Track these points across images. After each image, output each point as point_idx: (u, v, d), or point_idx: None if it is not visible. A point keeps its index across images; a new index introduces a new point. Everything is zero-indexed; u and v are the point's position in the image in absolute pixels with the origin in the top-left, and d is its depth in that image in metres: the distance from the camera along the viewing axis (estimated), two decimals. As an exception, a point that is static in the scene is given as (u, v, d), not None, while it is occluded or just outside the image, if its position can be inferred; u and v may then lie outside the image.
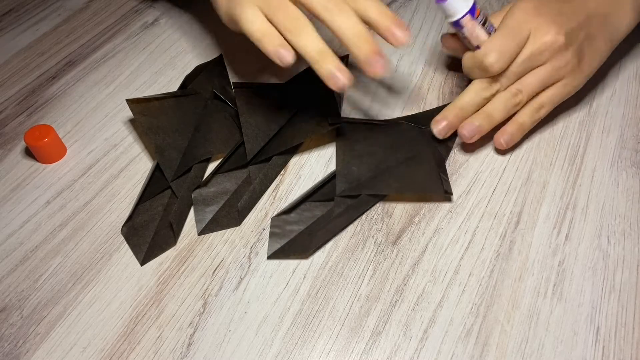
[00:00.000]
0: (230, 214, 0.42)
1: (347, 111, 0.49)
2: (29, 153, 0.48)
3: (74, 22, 0.62)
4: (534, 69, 0.42)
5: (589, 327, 0.35)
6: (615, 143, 0.45)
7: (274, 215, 0.41)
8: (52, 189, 0.45)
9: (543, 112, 0.44)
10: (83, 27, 0.61)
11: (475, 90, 0.43)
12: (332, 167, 0.45)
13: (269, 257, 0.39)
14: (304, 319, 0.36)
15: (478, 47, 0.42)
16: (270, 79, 0.52)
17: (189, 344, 0.35)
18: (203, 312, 0.37)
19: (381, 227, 0.41)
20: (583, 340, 0.34)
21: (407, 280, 0.38)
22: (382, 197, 0.42)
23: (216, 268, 0.39)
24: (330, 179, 0.42)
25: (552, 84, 0.43)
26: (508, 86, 0.43)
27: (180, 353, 0.35)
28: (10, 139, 0.49)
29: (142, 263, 0.39)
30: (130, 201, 0.43)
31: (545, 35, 0.41)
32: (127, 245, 0.40)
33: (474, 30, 0.41)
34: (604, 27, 0.44)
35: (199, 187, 0.43)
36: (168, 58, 0.56)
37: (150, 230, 0.41)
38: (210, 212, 0.42)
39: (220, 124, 0.47)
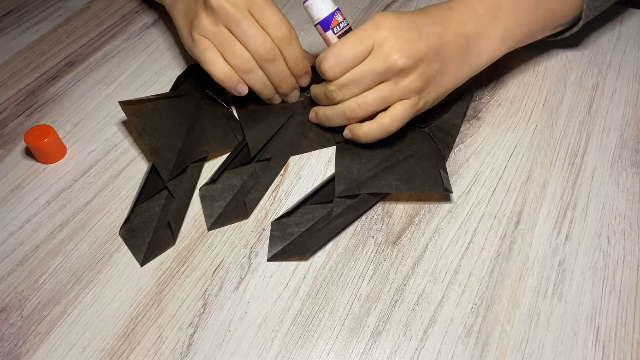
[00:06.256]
0: (239, 208, 0.42)
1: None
2: (29, 153, 0.48)
3: (74, 22, 0.62)
4: (378, 83, 0.40)
5: (589, 327, 0.35)
6: (615, 143, 0.45)
7: (273, 219, 0.41)
8: (52, 189, 0.45)
9: (388, 131, 0.42)
10: (83, 27, 0.61)
11: (323, 88, 0.43)
12: (332, 167, 0.45)
13: (269, 260, 0.39)
14: (304, 319, 0.36)
15: None
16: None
17: (189, 344, 0.35)
18: (203, 312, 0.36)
19: (381, 227, 0.41)
20: (583, 340, 0.34)
21: (407, 280, 0.38)
22: (382, 197, 0.42)
23: (216, 268, 0.39)
24: (330, 180, 0.42)
25: (395, 102, 0.41)
26: (350, 96, 0.41)
27: (180, 353, 0.35)
28: (11, 139, 0.49)
29: (142, 264, 0.39)
30: (131, 201, 0.43)
31: (388, 55, 0.39)
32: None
33: (325, 37, 0.44)
34: (463, 52, 0.43)
35: (206, 184, 0.43)
36: (168, 59, 0.56)
37: (148, 231, 0.41)
38: (218, 207, 0.42)
39: (214, 124, 0.47)
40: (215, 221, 0.41)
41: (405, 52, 0.39)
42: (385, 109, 0.41)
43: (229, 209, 0.42)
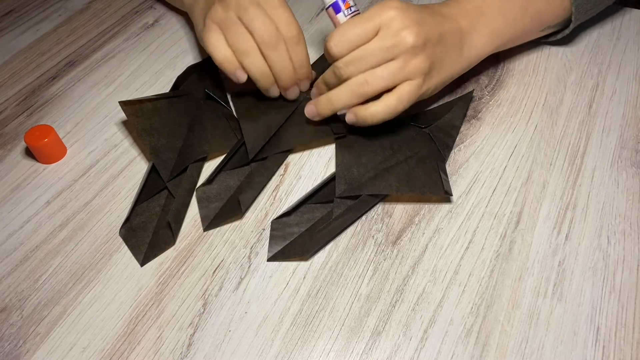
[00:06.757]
0: (234, 208, 0.42)
1: (347, 111, 0.49)
2: (29, 153, 0.48)
3: (74, 22, 0.62)
4: (386, 62, 0.41)
5: (589, 327, 0.35)
6: (615, 143, 0.45)
7: (274, 218, 0.41)
8: (52, 189, 0.45)
9: (394, 111, 0.42)
10: (83, 27, 0.61)
11: (330, 76, 0.43)
12: (332, 167, 0.45)
13: (269, 260, 0.39)
14: (304, 319, 0.36)
15: None
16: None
17: (189, 344, 0.35)
18: (203, 312, 0.37)
19: (381, 227, 0.41)
20: (583, 340, 0.34)
21: (407, 280, 0.38)
22: (382, 198, 0.42)
23: (216, 268, 0.39)
24: (330, 180, 0.42)
25: (401, 82, 0.41)
26: (357, 72, 0.41)
27: (181, 353, 0.35)
28: (11, 139, 0.49)
29: (142, 264, 0.39)
30: (131, 201, 0.43)
31: (397, 32, 0.40)
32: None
33: (335, 20, 0.46)
34: (458, 43, 0.44)
35: (202, 185, 0.43)
36: (168, 59, 0.56)
37: (148, 230, 0.41)
38: (214, 208, 0.42)
39: (214, 124, 0.47)
40: (211, 222, 0.41)
41: (414, 30, 0.40)
42: (389, 90, 0.41)
43: (225, 209, 0.42)
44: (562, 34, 0.52)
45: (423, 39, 0.40)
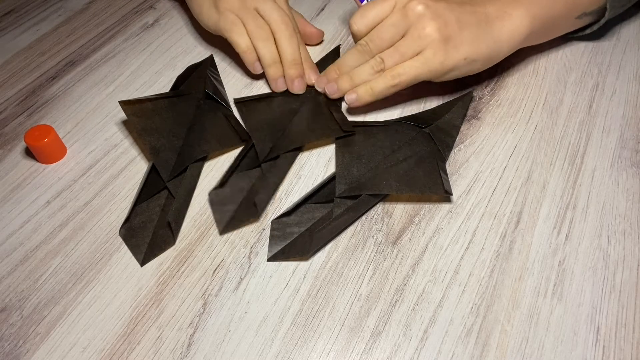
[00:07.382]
0: (249, 209, 0.41)
1: (346, 111, 0.49)
2: (29, 153, 0.48)
3: (74, 22, 0.62)
4: (401, 36, 0.43)
5: (589, 327, 0.35)
6: (615, 143, 0.45)
7: (274, 218, 0.41)
8: (52, 189, 0.45)
9: (397, 82, 0.44)
10: (83, 27, 0.61)
11: (352, 53, 0.46)
12: (332, 167, 0.45)
13: (269, 260, 0.39)
14: (304, 319, 0.36)
15: None
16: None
17: (189, 344, 0.35)
18: (203, 312, 0.36)
19: (381, 227, 0.41)
20: (583, 340, 0.34)
21: (407, 280, 0.38)
22: (382, 198, 0.42)
23: (216, 268, 0.39)
24: (330, 180, 0.42)
25: (413, 57, 0.43)
26: (377, 52, 0.44)
27: (180, 353, 0.35)
28: (10, 139, 0.49)
29: (142, 264, 0.39)
30: (131, 201, 0.43)
31: (408, 4, 0.42)
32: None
33: (358, 2, 0.50)
34: (482, 25, 0.44)
35: (214, 188, 0.42)
36: (168, 59, 0.56)
37: (148, 230, 0.41)
38: (228, 211, 0.41)
39: (214, 123, 0.47)
40: (227, 225, 0.41)
41: (424, 2, 0.42)
42: None
43: (239, 211, 0.41)
44: (598, 24, 0.52)
45: (433, 11, 0.42)
